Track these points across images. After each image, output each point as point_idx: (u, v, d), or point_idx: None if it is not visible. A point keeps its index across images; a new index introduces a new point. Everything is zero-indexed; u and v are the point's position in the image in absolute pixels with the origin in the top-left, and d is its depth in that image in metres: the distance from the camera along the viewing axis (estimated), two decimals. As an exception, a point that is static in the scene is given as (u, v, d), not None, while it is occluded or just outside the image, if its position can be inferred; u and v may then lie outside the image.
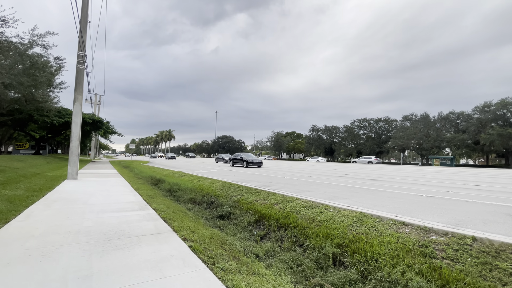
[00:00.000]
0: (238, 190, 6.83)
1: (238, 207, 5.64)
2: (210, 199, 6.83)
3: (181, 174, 12.15)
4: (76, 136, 9.77)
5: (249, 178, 10.25)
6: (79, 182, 9.02)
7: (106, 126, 27.08)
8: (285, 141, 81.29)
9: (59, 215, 4.22)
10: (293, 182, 8.94)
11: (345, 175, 12.87)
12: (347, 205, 4.71)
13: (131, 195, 6.61)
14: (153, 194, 7.05)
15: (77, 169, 9.76)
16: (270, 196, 5.66)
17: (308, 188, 7.28)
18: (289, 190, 6.78)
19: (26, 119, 24.45)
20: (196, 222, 4.46)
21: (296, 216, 4.27)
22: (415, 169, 22.77)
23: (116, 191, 7.22)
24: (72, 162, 9.66)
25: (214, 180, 8.98)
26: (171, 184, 9.31)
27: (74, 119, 9.80)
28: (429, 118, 44.94)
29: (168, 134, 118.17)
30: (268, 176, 11.13)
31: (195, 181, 9.22)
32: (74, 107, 9.88)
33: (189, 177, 10.59)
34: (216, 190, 7.28)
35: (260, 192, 6.25)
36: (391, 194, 6.36)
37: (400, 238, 3.10)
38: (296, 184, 8.36)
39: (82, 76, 10.12)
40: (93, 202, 5.43)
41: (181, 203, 7.16)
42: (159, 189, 9.42)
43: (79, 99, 9.93)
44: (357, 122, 55.70)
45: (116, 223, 3.83)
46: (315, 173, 14.15)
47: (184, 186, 8.42)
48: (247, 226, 4.73)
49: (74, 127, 9.77)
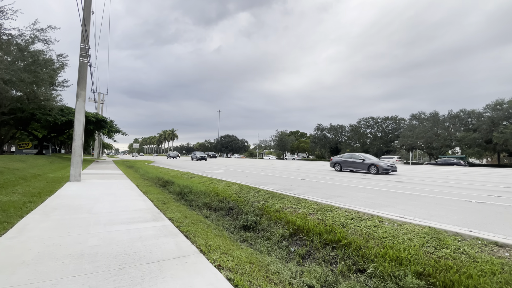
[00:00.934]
0: (259, 195, 6.09)
1: (264, 216, 4.90)
2: (228, 205, 6.09)
3: (191, 175, 11.44)
4: (79, 134, 9.09)
5: (264, 180, 9.51)
6: (83, 184, 8.35)
7: (110, 125, 26.49)
8: (289, 140, 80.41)
9: (58, 228, 3.51)
10: (314, 184, 8.18)
11: (363, 176, 12.08)
12: (399, 215, 3.95)
13: (141, 201, 5.90)
14: (165, 199, 6.34)
15: (80, 170, 9.09)
16: (301, 204, 4.91)
17: (335, 192, 6.52)
18: (316, 194, 6.03)
19: (28, 118, 23.93)
20: (222, 237, 3.72)
21: (344, 231, 3.52)
22: (431, 169, 21.86)
23: (123, 195, 6.51)
24: (75, 162, 8.98)
25: (228, 182, 8.25)
26: (181, 186, 8.60)
27: (77, 116, 9.12)
28: (438, 117, 43.83)
29: (171, 134, 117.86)
30: (283, 178, 10.38)
31: (208, 184, 8.50)
32: (77, 104, 9.19)
33: (199, 179, 9.88)
34: (234, 194, 6.55)
35: (287, 198, 5.50)
36: (435, 199, 5.58)
37: (505, 266, 2.34)
38: (319, 187, 7.61)
39: (85, 70, 9.44)
40: (99, 210, 4.72)
41: (195, 208, 6.44)
42: (169, 192, 8.72)
43: (82, 95, 9.25)
44: (364, 121, 54.64)
45: (128, 241, 3.11)
46: (332, 173, 13.38)
47: (197, 189, 7.70)
48: (281, 241, 3.99)
49: (77, 125, 9.09)
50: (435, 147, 40.66)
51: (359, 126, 55.54)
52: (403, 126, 50.50)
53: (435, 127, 43.30)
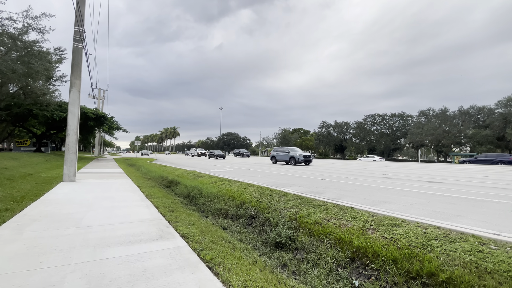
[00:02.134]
0: (286, 200, 5.03)
1: (301, 229, 3.85)
2: (249, 212, 5.05)
3: (197, 174, 10.40)
4: (73, 129, 8.06)
5: (281, 180, 8.46)
6: (77, 185, 7.33)
7: (110, 122, 25.49)
8: (292, 137, 79.31)
9: (28, 255, 2.48)
10: (343, 186, 7.11)
11: (387, 175, 11.01)
12: (493, 231, 2.89)
13: (144, 207, 4.87)
14: (172, 204, 5.31)
15: (75, 169, 8.07)
16: (348, 214, 3.86)
17: (376, 196, 5.45)
18: (354, 199, 4.97)
19: (25, 114, 22.97)
20: (259, 267, 2.67)
21: (434, 259, 2.46)
22: (449, 168, 20.72)
23: (123, 200, 5.48)
24: (68, 160, 7.96)
25: (243, 183, 7.20)
26: (189, 188, 7.57)
27: (70, 108, 8.08)
28: (448, 113, 42.56)
29: (172, 131, 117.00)
30: (300, 177, 9.33)
31: (219, 185, 7.45)
32: (71, 94, 8.15)
33: (208, 179, 8.84)
34: (254, 199, 5.50)
35: (324, 205, 4.45)
36: (507, 206, 4.50)
37: None
38: (351, 189, 6.54)
39: (80, 56, 8.38)
40: (90, 222, 3.68)
41: (208, 215, 5.40)
42: (174, 194, 7.70)
43: (77, 85, 8.20)
44: (370, 117, 53.37)
45: (127, 277, 2.07)
46: (349, 173, 12.30)
47: (208, 192, 6.65)
48: (335, 268, 2.93)
49: (71, 118, 8.05)
50: (445, 145, 39.44)
51: (365, 123, 54.29)
52: (410, 123, 49.27)
53: (444, 124, 42.06)
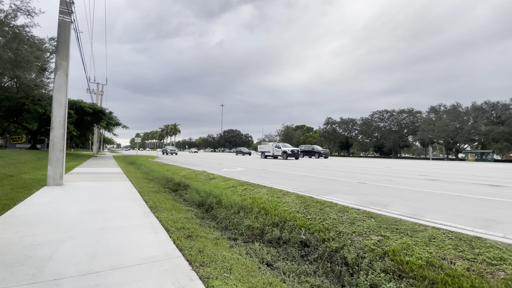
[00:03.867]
0: (352, 219, 3.55)
1: (407, 277, 2.37)
2: (297, 235, 3.57)
3: (208, 175, 8.92)
4: (60, 121, 6.57)
5: (314, 184, 6.99)
6: (63, 191, 5.85)
7: (109, 117, 23.98)
8: (296, 134, 77.72)
9: None
10: (398, 193, 5.63)
11: (427, 177, 9.52)
12: None
13: (148, 228, 3.39)
14: (186, 223, 3.83)
15: (62, 170, 6.59)
16: (479, 250, 2.37)
17: (471, 211, 3.96)
18: (444, 216, 3.50)
19: (18, 108, 21.48)
20: None
21: None
22: (480, 166, 19.21)
23: (119, 215, 4.01)
24: (54, 159, 6.48)
25: (272, 189, 5.70)
26: (202, 193, 6.09)
27: (56, 96, 6.59)
28: (460, 109, 40.94)
29: (173, 128, 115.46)
30: (332, 180, 7.86)
31: (240, 190, 5.97)
32: (56, 78, 6.65)
33: (223, 182, 7.36)
34: (298, 214, 4.02)
35: (424, 231, 2.96)
36: None
37: None
38: (413, 198, 5.06)
39: (68, 32, 6.86)
40: (61, 268, 2.21)
41: (236, 236, 3.92)
42: (183, 200, 6.24)
43: (63, 67, 6.69)
44: (378, 113, 51.67)
45: None
46: (378, 172, 10.81)
47: (229, 201, 5.16)
48: None
49: (57, 108, 6.56)
50: (459, 142, 37.87)
51: (372, 120, 52.61)
52: (419, 120, 47.69)
53: (456, 120, 40.46)
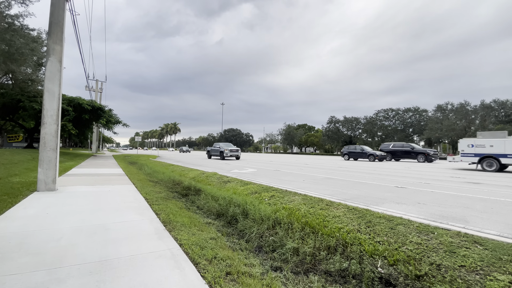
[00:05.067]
0: (454, 247, 2.61)
1: None
2: (376, 270, 2.63)
3: (221, 177, 7.97)
4: (52, 115, 5.61)
5: (346, 188, 6.06)
6: (55, 198, 4.89)
7: (109, 114, 22.97)
8: (298, 134, 76.73)
9: None
10: (461, 201, 4.69)
11: (463, 179, 8.59)
12: None
13: (167, 259, 2.44)
14: (217, 248, 2.89)
15: (55, 173, 5.63)
16: None
17: None
18: None
19: (13, 105, 20.46)
20: None
21: None
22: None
23: (124, 235, 3.05)
24: (45, 160, 5.52)
25: (308, 197, 4.75)
26: (220, 201, 5.15)
27: (47, 85, 5.62)
28: (468, 107, 40.02)
29: (173, 127, 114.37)
30: (364, 184, 6.93)
31: (267, 197, 5.02)
32: (48, 65, 5.68)
33: (241, 187, 6.40)
34: (360, 235, 3.08)
35: None
36: None
37: None
38: (481, 208, 4.12)
39: (62, 12, 5.89)
40: None
41: (280, 264, 2.97)
42: (197, 208, 5.31)
43: (57, 52, 5.72)
44: (383, 112, 50.69)
45: None
46: (404, 175, 9.86)
47: (258, 213, 4.20)
48: None
49: (49, 100, 5.60)
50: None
51: (377, 118, 51.63)
52: (425, 118, 46.79)
53: (464, 119, 39.55)
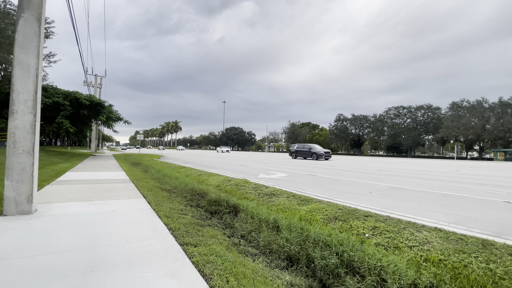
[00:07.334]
0: None
1: None
2: None
3: (259, 188, 6.07)
4: (27, 101, 3.73)
5: (432, 204, 4.20)
6: (25, 233, 2.99)
7: (109, 111, 21.03)
8: (302, 132, 74.79)
9: None
10: None
11: None
12: None
13: None
14: None
15: (31, 187, 3.75)
16: None
17: None
18: None
19: (3, 99, 18.58)
20: None
21: None
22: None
23: None
24: (16, 168, 3.65)
25: (447, 233, 2.89)
26: (285, 233, 3.28)
27: (18, 55, 3.73)
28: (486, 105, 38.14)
29: (174, 126, 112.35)
30: (445, 196, 5.07)
31: (366, 232, 3.16)
32: (20, 26, 3.79)
33: (300, 204, 4.53)
34: None
35: None
36: None
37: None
38: None
39: (41, -51, 3.98)
40: None
41: None
42: (243, 240, 3.47)
43: (33, 5, 3.83)
44: (393, 110, 48.70)
45: None
46: (459, 179, 8.00)
47: (374, 268, 2.34)
48: None
49: (20, 77, 3.71)
50: (488, 139, 35.10)
51: (387, 116, 49.65)
52: (438, 116, 44.92)
53: (482, 117, 37.66)
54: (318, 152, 23.37)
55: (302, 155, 25.28)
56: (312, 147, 24.72)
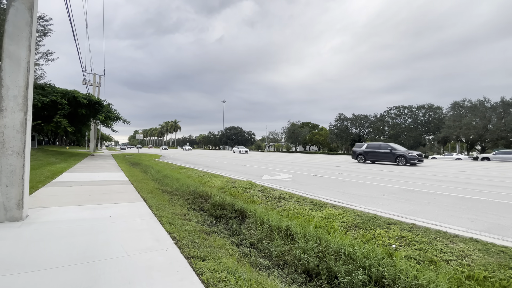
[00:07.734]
0: None
1: None
2: None
3: (266, 191, 5.76)
4: (17, 97, 3.42)
5: (464, 210, 3.91)
6: (13, 244, 2.69)
7: (108, 110, 20.67)
8: (303, 132, 74.49)
9: None
10: None
11: None
12: None
13: None
14: None
15: (21, 191, 3.43)
16: None
17: None
18: None
19: None
20: None
21: None
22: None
23: None
24: (5, 171, 3.34)
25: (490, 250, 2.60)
26: (301, 243, 2.98)
27: (8, 47, 3.43)
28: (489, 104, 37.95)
29: (173, 125, 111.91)
30: (485, 202, 4.78)
31: (393, 243, 2.87)
32: (10, 15, 3.49)
33: (312, 210, 4.23)
34: None
35: None
36: None
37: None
38: None
39: None
40: None
41: None
42: (254, 249, 3.18)
43: (24, -7, 3.51)
44: (394, 109, 48.51)
45: None
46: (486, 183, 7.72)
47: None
48: None
49: (10, 70, 3.41)
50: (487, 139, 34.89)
51: (388, 115, 49.43)
52: (438, 116, 44.72)
53: (484, 117, 37.46)
54: (409, 155, 15.92)
55: (377, 158, 17.57)
56: (395, 147, 17.24)
